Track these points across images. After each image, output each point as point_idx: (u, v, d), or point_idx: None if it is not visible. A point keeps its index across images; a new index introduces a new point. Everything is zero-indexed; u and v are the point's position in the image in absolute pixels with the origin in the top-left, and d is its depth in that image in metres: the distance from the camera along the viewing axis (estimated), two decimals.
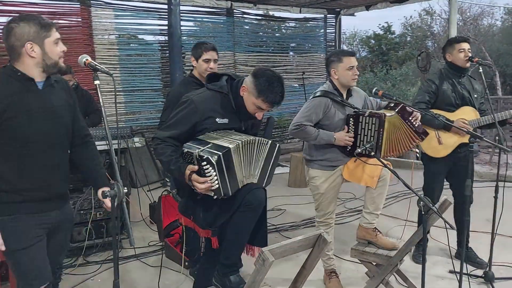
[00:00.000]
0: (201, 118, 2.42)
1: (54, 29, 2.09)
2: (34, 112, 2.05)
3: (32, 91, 2.06)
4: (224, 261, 2.45)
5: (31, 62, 2.04)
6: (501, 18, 17.35)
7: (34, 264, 2.11)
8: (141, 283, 3.61)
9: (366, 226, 3.18)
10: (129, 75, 7.23)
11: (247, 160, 2.37)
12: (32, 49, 2.02)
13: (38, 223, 2.12)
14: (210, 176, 2.23)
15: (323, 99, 3.20)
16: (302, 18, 9.57)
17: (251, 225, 2.42)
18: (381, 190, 3.10)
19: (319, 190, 3.31)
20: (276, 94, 2.38)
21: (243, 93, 2.45)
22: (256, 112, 2.46)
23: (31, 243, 2.10)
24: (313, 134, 3.17)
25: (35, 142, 2.07)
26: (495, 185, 3.31)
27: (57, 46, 2.10)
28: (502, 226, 3.49)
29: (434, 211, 2.39)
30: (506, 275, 3.61)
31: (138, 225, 4.82)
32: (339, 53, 3.24)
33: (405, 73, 16.15)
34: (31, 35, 2.01)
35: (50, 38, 2.07)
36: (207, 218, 2.46)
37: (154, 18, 7.32)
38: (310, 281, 3.26)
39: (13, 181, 2.05)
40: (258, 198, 2.37)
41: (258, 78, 2.38)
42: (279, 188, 6.52)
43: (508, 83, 14.96)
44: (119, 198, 1.93)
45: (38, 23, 2.04)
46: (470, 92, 3.69)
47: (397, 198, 5.78)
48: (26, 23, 2.02)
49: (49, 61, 2.07)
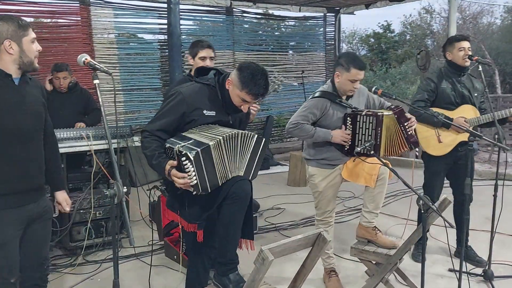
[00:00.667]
0: (189, 109, 2.44)
1: (30, 29, 2.20)
2: (11, 107, 2.14)
3: (10, 87, 2.16)
4: (221, 259, 2.45)
5: (8, 59, 2.14)
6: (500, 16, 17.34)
7: (8, 260, 2.18)
8: (141, 282, 3.62)
9: (366, 225, 3.18)
10: (129, 74, 7.22)
11: (231, 154, 2.38)
12: (10, 47, 2.13)
13: (16, 217, 2.18)
14: (189, 172, 2.24)
15: (321, 99, 3.20)
16: (302, 17, 9.57)
17: (241, 218, 2.42)
18: (380, 189, 3.10)
19: (317, 188, 3.32)
20: (260, 86, 2.41)
21: (228, 86, 2.48)
22: (241, 105, 2.48)
23: (9, 239, 2.16)
24: (310, 132, 3.17)
25: (13, 135, 2.15)
26: (495, 183, 3.32)
27: (33, 45, 2.21)
28: (501, 225, 3.50)
29: (433, 210, 2.40)
30: (506, 273, 3.62)
31: (137, 224, 4.83)
32: (350, 62, 3.11)
33: (405, 71, 16.14)
34: (9, 33, 2.13)
35: (28, 37, 2.17)
36: (192, 212, 2.46)
37: (154, 17, 7.32)
38: (310, 280, 3.27)
39: None
40: (243, 189, 2.38)
41: (242, 71, 2.42)
42: (279, 187, 6.52)
43: (508, 82, 14.95)
44: (118, 198, 1.93)
45: (17, 23, 2.15)
46: (471, 90, 3.69)
47: (396, 196, 5.79)
48: (4, 22, 2.13)
49: (26, 59, 2.17)
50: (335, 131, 3.17)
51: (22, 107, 2.18)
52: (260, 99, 2.52)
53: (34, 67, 2.23)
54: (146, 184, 6.17)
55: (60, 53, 6.35)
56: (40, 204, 2.31)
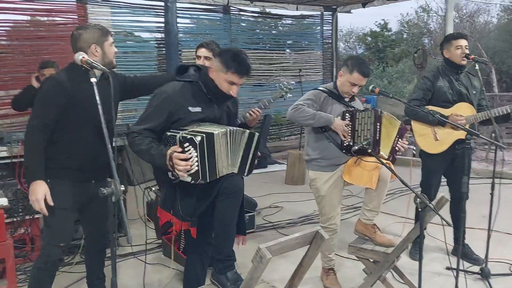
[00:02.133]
0: (174, 108, 2.44)
1: (110, 35, 2.66)
2: (89, 100, 2.33)
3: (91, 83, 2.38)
4: (218, 256, 2.45)
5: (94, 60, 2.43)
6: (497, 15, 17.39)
7: (63, 225, 2.60)
8: (139, 280, 3.61)
9: (366, 222, 3.18)
10: (126, 72, 7.18)
11: (228, 150, 2.39)
12: (96, 50, 2.56)
13: (79, 190, 2.62)
14: (191, 158, 2.24)
15: (322, 93, 3.22)
16: (299, 15, 9.58)
17: (235, 213, 2.42)
18: (380, 190, 3.09)
19: (320, 192, 3.29)
20: (243, 64, 2.45)
21: (212, 74, 2.50)
22: (230, 90, 2.49)
23: (69, 207, 2.60)
24: (312, 113, 3.11)
25: (88, 124, 2.54)
26: (491, 182, 3.32)
27: (112, 48, 2.66)
28: (498, 223, 3.51)
29: (430, 208, 2.40)
30: (502, 271, 3.63)
31: (135, 222, 4.82)
32: (356, 66, 3.11)
33: (402, 70, 16.17)
34: (95, 38, 2.57)
35: (108, 41, 2.62)
36: (185, 210, 2.46)
37: (151, 15, 7.31)
38: (308, 278, 3.27)
39: (72, 149, 2.57)
40: (235, 184, 2.38)
41: (223, 55, 2.48)
42: (276, 185, 6.52)
43: (504, 80, 14.99)
44: (116, 196, 1.92)
45: (100, 30, 2.61)
46: (468, 88, 3.69)
47: (394, 195, 5.80)
48: (90, 30, 2.59)
49: (107, 60, 2.60)
50: (338, 118, 3.14)
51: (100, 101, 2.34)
52: (245, 78, 2.52)
53: (113, 65, 2.70)
54: (143, 182, 6.15)
55: (57, 51, 6.32)
56: (101, 183, 2.52)
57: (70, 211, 2.64)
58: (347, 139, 3.14)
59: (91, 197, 2.66)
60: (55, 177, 2.56)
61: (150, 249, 4.19)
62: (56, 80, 2.55)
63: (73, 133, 2.58)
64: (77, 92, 2.51)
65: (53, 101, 2.51)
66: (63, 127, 2.56)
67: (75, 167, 2.60)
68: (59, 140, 2.57)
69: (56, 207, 2.52)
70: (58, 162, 2.57)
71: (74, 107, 2.53)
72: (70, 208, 2.62)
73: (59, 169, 2.58)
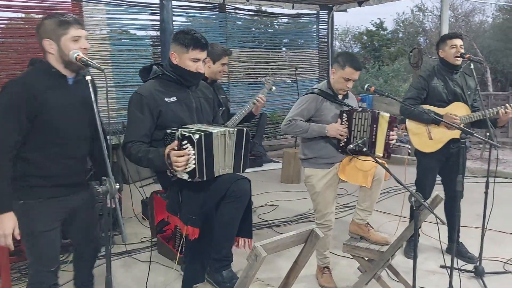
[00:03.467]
0: (152, 105, 2.46)
1: (73, 27, 2.19)
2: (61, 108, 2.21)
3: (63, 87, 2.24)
4: (215, 255, 2.45)
5: (52, 57, 2.21)
6: (492, 14, 17.48)
7: (49, 248, 2.29)
8: (133, 279, 3.61)
9: (359, 222, 3.20)
10: (121, 70, 7.18)
11: (222, 150, 2.41)
12: (51, 46, 2.18)
13: (56, 207, 2.30)
14: (189, 155, 2.27)
15: (316, 96, 3.22)
16: (295, 14, 9.56)
17: (239, 216, 2.43)
18: (375, 189, 3.11)
19: (315, 189, 3.31)
20: (198, 38, 2.50)
21: (175, 61, 2.53)
22: (196, 67, 2.52)
23: (53, 226, 2.29)
24: (304, 127, 3.19)
25: (59, 135, 2.25)
26: (486, 180, 3.34)
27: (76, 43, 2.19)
28: (492, 221, 3.52)
29: (425, 207, 2.41)
30: (496, 269, 3.65)
31: (130, 221, 4.81)
32: (347, 61, 3.16)
33: (397, 69, 16.22)
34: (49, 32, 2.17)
35: (67, 35, 2.17)
36: (190, 211, 2.46)
37: (146, 13, 7.28)
38: (303, 276, 3.28)
39: (46, 168, 2.24)
40: (242, 188, 2.39)
41: (177, 38, 2.53)
42: (272, 184, 6.53)
43: (499, 80, 15.06)
44: (111, 194, 1.92)
45: (58, 21, 2.17)
46: (463, 88, 3.70)
47: (389, 193, 5.81)
48: (47, 20, 2.18)
49: (66, 58, 2.18)
50: (330, 125, 3.18)
51: (71, 108, 2.24)
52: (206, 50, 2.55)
53: (77, 65, 2.18)
54: (138, 181, 6.16)
55: None
56: (81, 195, 2.40)
57: (53, 232, 2.30)
58: (344, 139, 3.16)
59: (72, 210, 2.39)
60: (28, 197, 2.23)
61: (145, 247, 4.18)
62: (22, 83, 2.16)
63: (45, 147, 2.23)
64: (48, 98, 2.16)
65: (19, 110, 2.11)
66: (33, 140, 2.20)
67: (49, 184, 2.26)
68: (28, 155, 2.21)
69: (37, 231, 2.24)
70: (29, 181, 2.23)
71: (44, 116, 2.17)
72: (52, 228, 2.29)
73: (30, 188, 2.23)
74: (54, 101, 2.18)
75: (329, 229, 3.36)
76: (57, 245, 2.34)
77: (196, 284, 2.51)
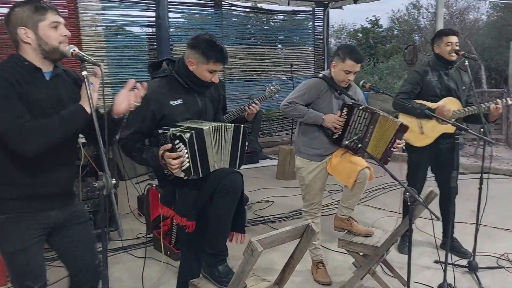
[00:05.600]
0: (156, 107, 2.43)
1: (50, 12, 1.96)
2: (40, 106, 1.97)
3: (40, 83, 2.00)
4: (210, 250, 2.46)
5: (28, 48, 1.98)
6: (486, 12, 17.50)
7: (29, 265, 2.05)
8: (130, 274, 3.62)
9: (342, 217, 3.27)
10: (117, 67, 7.16)
11: (217, 145, 2.41)
12: (26, 35, 1.95)
13: (36, 222, 2.03)
14: (182, 155, 2.27)
15: (321, 82, 3.23)
16: (291, 11, 9.56)
17: (232, 209, 2.43)
18: (357, 191, 3.16)
19: (304, 181, 3.39)
20: (222, 51, 2.46)
21: (192, 67, 2.49)
22: (211, 78, 2.51)
23: (28, 245, 2.01)
24: (302, 111, 3.22)
25: None
26: (480, 177, 3.36)
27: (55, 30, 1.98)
28: (486, 217, 3.56)
29: (419, 202, 2.43)
30: (489, 264, 3.69)
31: (126, 217, 4.81)
32: (347, 53, 3.14)
33: (392, 66, 16.22)
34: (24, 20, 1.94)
35: (45, 21, 1.95)
36: (184, 205, 2.47)
37: (142, 9, 7.25)
38: (298, 271, 3.31)
39: (13, 173, 1.96)
40: (234, 181, 2.40)
41: (197, 46, 2.45)
42: (268, 180, 6.54)
43: (493, 77, 15.10)
44: (107, 189, 1.92)
45: (33, 7, 1.95)
46: (458, 84, 3.72)
47: (384, 189, 5.84)
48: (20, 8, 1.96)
49: (46, 47, 1.97)
50: (328, 115, 3.20)
51: (52, 106, 1.98)
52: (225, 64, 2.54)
53: (62, 53, 1.98)
54: (134, 177, 6.16)
55: None
56: (67, 209, 2.15)
57: (33, 248, 2.03)
58: (338, 131, 3.17)
59: (56, 227, 2.11)
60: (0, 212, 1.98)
61: (141, 243, 4.19)
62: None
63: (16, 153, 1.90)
64: (28, 93, 1.93)
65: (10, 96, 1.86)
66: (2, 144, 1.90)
67: (23, 196, 1.98)
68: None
69: (12, 251, 2.00)
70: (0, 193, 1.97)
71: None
72: (30, 245, 2.02)
73: (2, 201, 1.98)
74: (30, 96, 1.94)
75: (315, 217, 3.44)
76: (39, 261, 2.09)
77: (192, 279, 2.52)
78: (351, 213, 3.27)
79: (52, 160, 2.01)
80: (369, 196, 5.55)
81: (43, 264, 2.13)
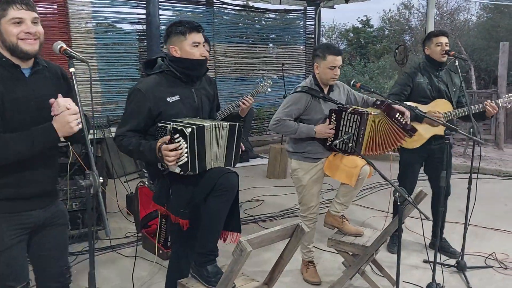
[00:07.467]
0: (153, 104, 2.41)
1: (13, 8, 1.88)
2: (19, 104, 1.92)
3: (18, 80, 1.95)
4: (200, 250, 2.44)
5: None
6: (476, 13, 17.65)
7: (11, 266, 2.01)
8: (118, 273, 3.59)
9: (335, 214, 3.25)
10: (106, 64, 7.10)
11: (214, 143, 2.41)
12: None
13: (17, 223, 1.99)
14: (181, 149, 2.25)
15: (303, 94, 3.21)
16: (282, 10, 9.56)
17: (226, 210, 2.42)
18: (356, 187, 3.15)
19: (301, 182, 3.33)
20: (191, 22, 2.50)
21: (177, 54, 2.48)
22: (200, 52, 2.49)
23: (9, 245, 1.98)
24: (293, 128, 3.18)
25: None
26: (469, 177, 3.38)
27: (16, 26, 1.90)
28: (474, 217, 3.58)
29: (409, 202, 2.43)
30: (478, 264, 3.72)
31: (114, 216, 4.77)
32: (325, 50, 3.18)
33: (383, 66, 16.31)
34: None
35: (6, 17, 1.89)
36: (180, 204, 2.45)
37: (132, 6, 7.21)
38: (288, 270, 3.29)
39: None
40: (230, 181, 2.38)
41: (170, 30, 2.50)
42: (258, 179, 6.53)
43: (483, 78, 15.24)
44: (94, 188, 1.89)
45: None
46: (448, 85, 3.74)
47: (374, 189, 5.86)
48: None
49: (7, 43, 1.90)
50: (318, 126, 3.18)
51: (31, 104, 1.94)
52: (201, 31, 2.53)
53: (22, 51, 1.90)
54: (123, 176, 6.11)
55: None
56: (49, 210, 2.11)
57: (14, 249, 1.99)
58: (331, 139, 3.16)
59: (37, 227, 2.08)
60: None
61: (130, 242, 4.16)
62: None
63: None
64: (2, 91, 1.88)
65: None
66: None
67: (4, 197, 1.95)
68: None
69: None
70: None
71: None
72: (12, 245, 1.98)
73: None
74: (7, 94, 1.89)
75: (313, 222, 3.39)
76: (19, 263, 2.03)
77: (180, 279, 2.50)
78: (344, 211, 3.25)
79: (34, 160, 1.98)
80: (359, 195, 5.55)
81: (25, 264, 2.09)
